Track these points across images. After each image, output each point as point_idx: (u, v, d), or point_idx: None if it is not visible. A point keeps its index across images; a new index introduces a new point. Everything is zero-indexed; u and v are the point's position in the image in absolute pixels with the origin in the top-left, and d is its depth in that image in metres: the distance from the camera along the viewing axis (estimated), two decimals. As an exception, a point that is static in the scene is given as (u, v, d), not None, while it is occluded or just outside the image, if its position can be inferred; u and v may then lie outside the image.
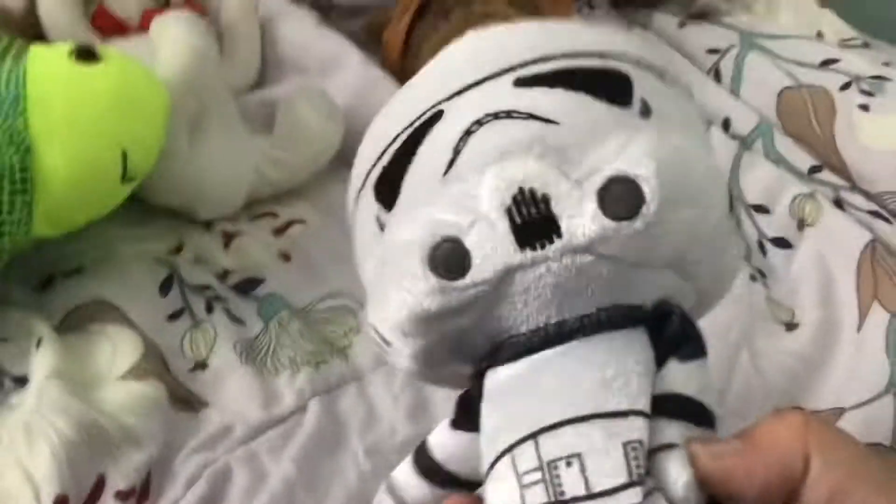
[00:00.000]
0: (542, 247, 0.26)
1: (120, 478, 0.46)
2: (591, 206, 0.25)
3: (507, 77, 0.29)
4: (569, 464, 0.25)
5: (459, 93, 0.29)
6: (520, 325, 0.27)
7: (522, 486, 0.25)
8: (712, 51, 0.78)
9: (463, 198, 0.27)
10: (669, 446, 0.25)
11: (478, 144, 0.27)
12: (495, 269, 0.26)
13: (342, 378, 0.55)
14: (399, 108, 0.31)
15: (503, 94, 0.28)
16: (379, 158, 0.31)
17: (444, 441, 0.30)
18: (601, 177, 0.26)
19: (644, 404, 0.25)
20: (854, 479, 0.25)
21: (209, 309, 0.58)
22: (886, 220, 0.63)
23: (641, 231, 0.25)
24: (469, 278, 0.26)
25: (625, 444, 0.25)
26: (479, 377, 0.28)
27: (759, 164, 0.68)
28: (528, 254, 0.26)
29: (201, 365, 0.54)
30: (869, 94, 0.68)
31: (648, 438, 0.25)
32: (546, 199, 0.26)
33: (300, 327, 0.57)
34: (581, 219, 0.25)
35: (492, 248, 0.26)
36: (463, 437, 0.29)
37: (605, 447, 0.25)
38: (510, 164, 0.26)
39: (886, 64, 0.73)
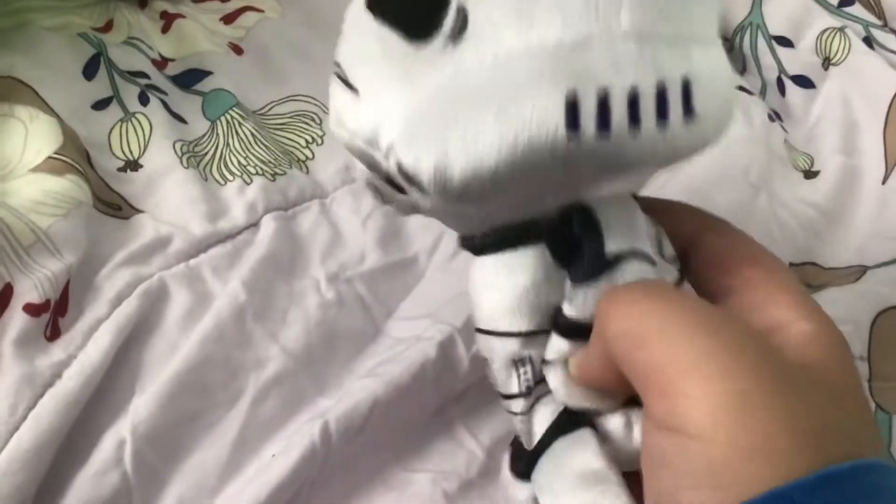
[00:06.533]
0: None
1: (30, 288, 0.37)
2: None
3: None
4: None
5: None
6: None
7: None
8: None
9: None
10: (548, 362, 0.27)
11: None
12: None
13: (302, 194, 0.47)
14: None
15: None
16: None
17: None
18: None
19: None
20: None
21: (143, 100, 0.48)
22: (920, 65, 0.56)
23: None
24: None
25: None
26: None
27: (786, -10, 0.60)
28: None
29: (133, 164, 0.45)
30: (918, -82, 0.60)
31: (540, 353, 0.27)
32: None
33: (253, 131, 0.48)
34: None
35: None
36: None
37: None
38: None
39: None
